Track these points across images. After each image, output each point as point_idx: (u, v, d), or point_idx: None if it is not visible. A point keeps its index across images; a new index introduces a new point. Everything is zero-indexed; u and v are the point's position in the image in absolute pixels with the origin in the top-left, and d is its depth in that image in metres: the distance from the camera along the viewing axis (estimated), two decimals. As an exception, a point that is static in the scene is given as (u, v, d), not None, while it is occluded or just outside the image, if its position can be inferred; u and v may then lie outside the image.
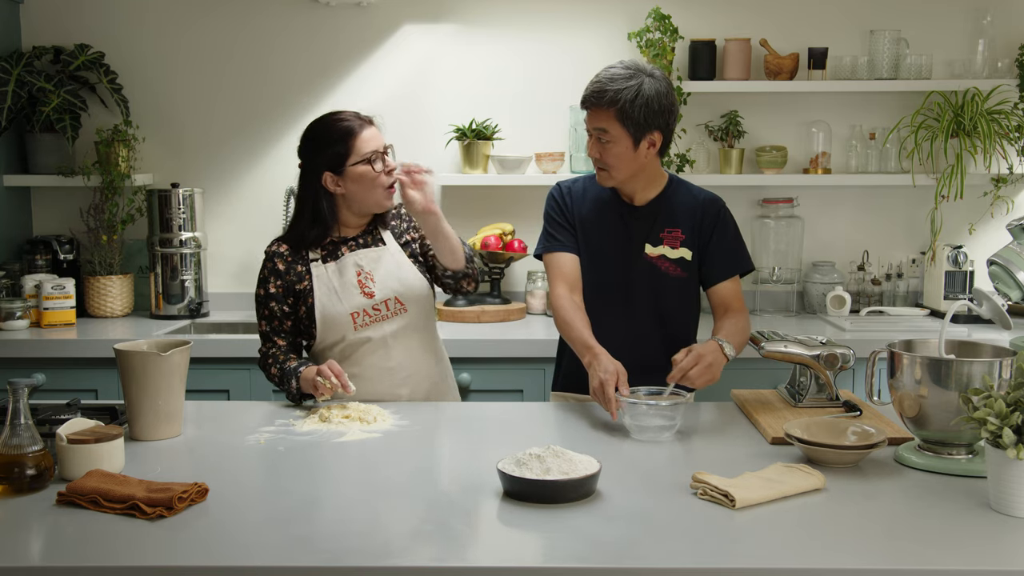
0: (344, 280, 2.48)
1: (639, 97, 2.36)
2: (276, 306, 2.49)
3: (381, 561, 1.53)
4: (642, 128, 2.39)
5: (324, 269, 2.49)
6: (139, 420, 2.14)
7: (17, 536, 1.64)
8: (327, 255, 2.51)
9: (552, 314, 2.51)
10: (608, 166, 2.44)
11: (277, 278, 2.50)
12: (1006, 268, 2.35)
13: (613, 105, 2.37)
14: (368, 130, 2.47)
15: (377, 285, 2.49)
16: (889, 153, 3.83)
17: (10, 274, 3.62)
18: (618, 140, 2.40)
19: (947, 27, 3.83)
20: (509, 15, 3.85)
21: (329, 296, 2.47)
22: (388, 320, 2.50)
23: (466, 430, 2.31)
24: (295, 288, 2.49)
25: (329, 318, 2.47)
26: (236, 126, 3.91)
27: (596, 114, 2.41)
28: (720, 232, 2.54)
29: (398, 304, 2.50)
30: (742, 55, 3.71)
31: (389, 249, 2.54)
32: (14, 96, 3.61)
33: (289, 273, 2.50)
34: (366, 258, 2.51)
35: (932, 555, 1.55)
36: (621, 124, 2.38)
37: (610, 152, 2.42)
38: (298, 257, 2.51)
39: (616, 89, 2.37)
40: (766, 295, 3.86)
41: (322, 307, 2.46)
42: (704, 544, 1.59)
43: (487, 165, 3.78)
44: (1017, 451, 1.63)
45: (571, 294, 2.49)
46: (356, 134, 2.45)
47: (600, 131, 2.41)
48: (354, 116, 2.49)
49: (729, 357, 2.32)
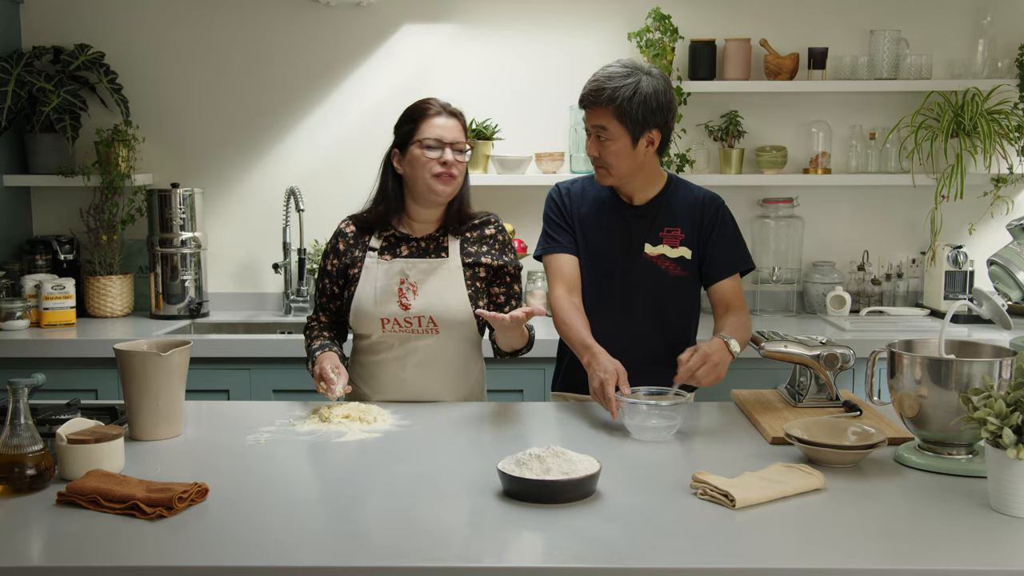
0: (387, 284, 2.47)
1: (637, 95, 2.37)
2: (328, 284, 2.55)
3: (381, 561, 1.53)
4: (640, 126, 2.39)
5: (376, 263, 2.49)
6: (139, 420, 2.14)
7: (17, 536, 1.64)
8: (387, 248, 2.51)
9: (551, 315, 2.51)
10: (607, 164, 2.44)
11: (335, 257, 2.54)
12: (1006, 268, 2.35)
13: (611, 103, 2.37)
14: (441, 118, 2.47)
15: (417, 299, 2.46)
16: (889, 153, 3.83)
17: (10, 274, 3.62)
18: (616, 138, 2.40)
19: (947, 27, 3.83)
20: (509, 15, 3.86)
21: (368, 292, 2.48)
22: (416, 336, 2.48)
23: (466, 430, 2.31)
24: (348, 272, 2.52)
25: (362, 312, 2.48)
26: (236, 126, 3.91)
27: (594, 112, 2.41)
28: (720, 230, 2.54)
29: (431, 324, 2.47)
30: (742, 55, 3.71)
31: (448, 264, 2.49)
32: (14, 96, 3.61)
33: (346, 255, 2.53)
34: (416, 268, 2.48)
35: (932, 555, 1.55)
36: (619, 122, 2.39)
37: (609, 150, 2.42)
38: (360, 241, 2.53)
39: (614, 87, 2.37)
40: (766, 295, 3.86)
41: (358, 300, 2.48)
42: (704, 544, 1.59)
43: (487, 165, 3.78)
44: (1017, 451, 1.63)
45: (570, 295, 2.49)
46: (427, 117, 2.46)
47: (599, 129, 2.41)
48: (440, 104, 2.50)
49: (735, 354, 2.31)
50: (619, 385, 2.20)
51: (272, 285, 3.95)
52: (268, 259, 3.93)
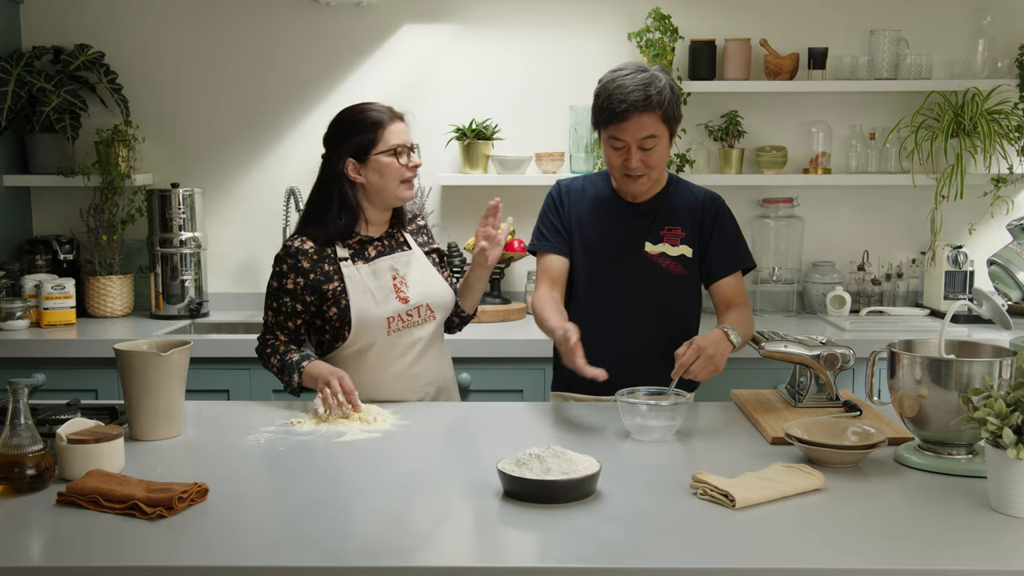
0: (380, 283, 2.46)
1: (665, 90, 2.39)
2: (290, 302, 2.44)
3: (381, 561, 1.53)
4: (675, 122, 2.43)
5: (356, 270, 2.45)
6: (139, 420, 2.14)
7: (17, 536, 1.64)
8: (355, 254, 2.48)
9: (532, 312, 2.54)
10: (652, 169, 2.44)
11: (299, 276, 2.42)
12: (1006, 268, 2.35)
13: (660, 107, 2.37)
14: (398, 124, 2.48)
15: (411, 290, 2.49)
16: (889, 153, 3.83)
17: (10, 274, 3.62)
18: (662, 140, 2.41)
19: (947, 27, 3.83)
20: (509, 15, 3.86)
21: (365, 299, 2.43)
22: (418, 327, 2.50)
23: (466, 430, 2.31)
24: (322, 288, 2.43)
25: (366, 321, 2.42)
26: (236, 126, 3.91)
27: (642, 120, 2.36)
28: (720, 228, 2.54)
29: (428, 311, 2.50)
30: (742, 55, 3.71)
31: (416, 254, 2.55)
32: (14, 96, 3.61)
33: (315, 272, 2.43)
34: (399, 262, 2.51)
35: (932, 555, 1.55)
36: (665, 124, 2.40)
37: (655, 156, 2.42)
38: (324, 255, 2.44)
39: (658, 89, 2.37)
40: (766, 295, 3.86)
41: (358, 309, 2.42)
42: (704, 544, 1.59)
43: (487, 165, 3.78)
44: (1017, 451, 1.63)
45: (551, 292, 2.52)
46: (385, 125, 2.46)
47: (648, 138, 2.39)
48: (386, 109, 2.50)
49: (735, 344, 2.31)
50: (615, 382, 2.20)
51: (272, 285, 3.94)
52: (268, 259, 3.90)
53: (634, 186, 2.47)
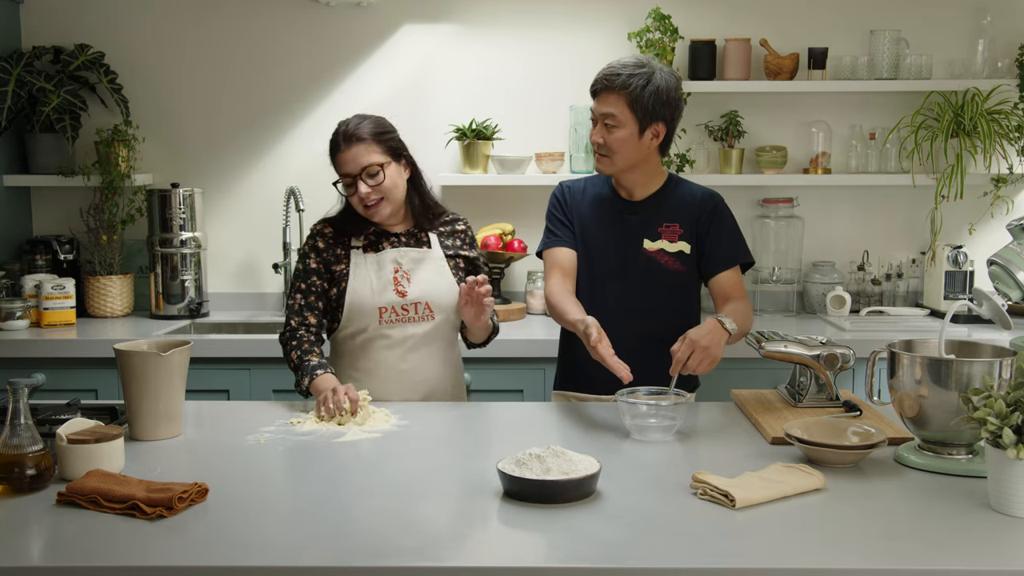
0: (381, 273, 2.51)
1: (650, 84, 2.42)
2: (318, 281, 2.52)
3: (381, 561, 1.53)
4: (649, 116, 2.43)
5: (363, 258, 2.52)
6: (139, 420, 2.14)
7: (17, 536, 1.64)
8: (368, 245, 2.55)
9: (547, 307, 2.54)
10: (611, 151, 2.47)
11: (317, 255, 2.53)
12: (1006, 268, 2.35)
13: (624, 89, 2.42)
14: (346, 153, 2.47)
15: (412, 286, 2.51)
16: (889, 153, 3.83)
17: (10, 274, 3.62)
18: (624, 125, 2.44)
19: (947, 27, 3.83)
20: (509, 15, 3.86)
21: (362, 285, 2.49)
22: (414, 323, 2.52)
23: (466, 430, 2.31)
24: (332, 268, 2.53)
25: (357, 306, 2.49)
26: (236, 126, 3.91)
27: (606, 98, 2.45)
28: (718, 224, 2.55)
29: (427, 310, 2.52)
30: (742, 55, 3.71)
31: (433, 254, 2.57)
32: (14, 96, 3.61)
33: (327, 252, 2.53)
34: (407, 257, 2.54)
35: (932, 555, 1.55)
36: (630, 109, 2.43)
37: (615, 136, 2.45)
38: (340, 240, 2.55)
39: (629, 74, 2.43)
40: (766, 295, 3.86)
41: (353, 293, 2.49)
42: (704, 544, 1.59)
43: (487, 165, 3.78)
44: (1017, 451, 1.63)
45: (563, 282, 2.53)
46: (339, 152, 2.49)
47: (607, 116, 2.44)
48: (343, 133, 2.50)
49: (730, 332, 2.30)
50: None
51: (272, 285, 3.94)
52: (268, 259, 3.93)
53: (598, 164, 2.53)
